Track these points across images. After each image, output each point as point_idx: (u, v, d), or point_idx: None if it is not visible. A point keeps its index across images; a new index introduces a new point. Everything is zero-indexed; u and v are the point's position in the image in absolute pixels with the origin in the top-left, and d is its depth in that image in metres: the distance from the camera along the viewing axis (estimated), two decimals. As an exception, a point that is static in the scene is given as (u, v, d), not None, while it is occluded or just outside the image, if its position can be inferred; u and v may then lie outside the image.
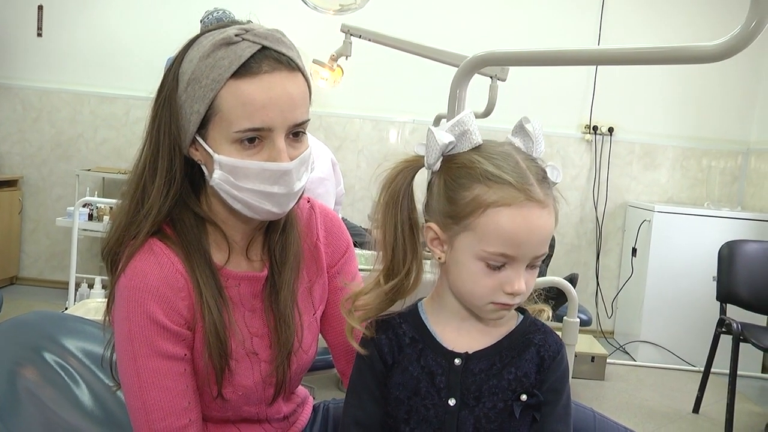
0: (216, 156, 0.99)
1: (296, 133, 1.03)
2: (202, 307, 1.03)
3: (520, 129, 0.94)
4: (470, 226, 0.89)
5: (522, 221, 0.87)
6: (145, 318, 1.00)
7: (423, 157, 0.94)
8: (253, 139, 0.99)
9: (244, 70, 0.97)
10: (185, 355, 1.03)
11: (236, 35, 0.98)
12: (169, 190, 1.03)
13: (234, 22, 1.04)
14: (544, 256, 0.92)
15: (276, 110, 0.98)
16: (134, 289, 1.00)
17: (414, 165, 0.97)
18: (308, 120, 1.04)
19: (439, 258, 0.95)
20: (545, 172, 0.92)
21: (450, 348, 0.95)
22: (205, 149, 1.01)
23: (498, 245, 0.88)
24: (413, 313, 1.00)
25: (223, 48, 0.97)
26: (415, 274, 0.98)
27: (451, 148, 0.92)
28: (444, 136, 0.91)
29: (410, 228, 0.97)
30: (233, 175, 1.00)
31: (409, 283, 0.98)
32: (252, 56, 0.97)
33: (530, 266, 0.91)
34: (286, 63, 1.00)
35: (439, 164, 0.93)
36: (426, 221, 0.96)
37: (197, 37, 1.03)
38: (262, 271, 1.12)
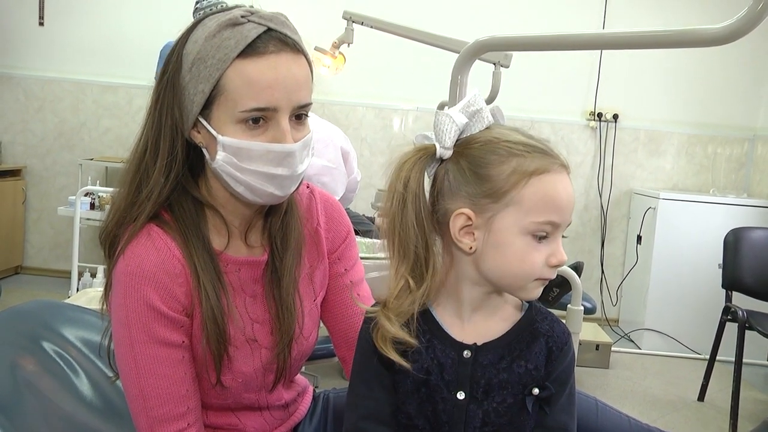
0: (220, 137, 0.99)
1: (299, 115, 1.03)
2: (199, 293, 1.02)
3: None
4: (514, 199, 0.87)
5: (561, 186, 0.88)
6: (142, 304, 0.99)
7: (431, 146, 0.90)
8: (258, 119, 0.98)
9: (250, 50, 0.97)
10: (183, 342, 1.03)
11: (242, 17, 0.98)
12: (170, 173, 1.03)
13: (231, 8, 1.03)
14: None
15: (282, 90, 0.98)
16: (131, 275, 0.99)
17: (423, 157, 0.91)
18: (311, 103, 1.04)
19: (471, 248, 0.89)
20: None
21: (459, 340, 0.93)
22: (208, 131, 1.00)
23: (546, 213, 0.87)
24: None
25: (229, 28, 0.97)
26: (433, 269, 0.93)
27: (463, 131, 0.90)
28: (461, 117, 0.89)
29: (426, 224, 0.92)
30: (237, 157, 0.99)
31: (436, 280, 0.94)
32: (258, 37, 0.97)
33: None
34: (292, 45, 1.00)
35: (451, 151, 0.90)
36: (450, 210, 0.90)
37: (201, 19, 1.03)
38: (262, 256, 1.11)
